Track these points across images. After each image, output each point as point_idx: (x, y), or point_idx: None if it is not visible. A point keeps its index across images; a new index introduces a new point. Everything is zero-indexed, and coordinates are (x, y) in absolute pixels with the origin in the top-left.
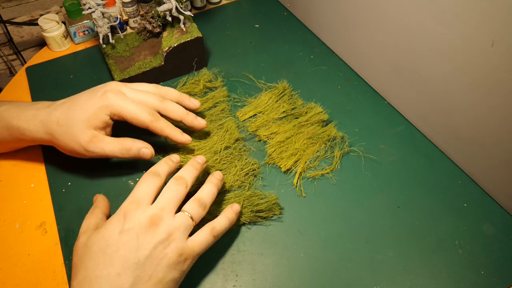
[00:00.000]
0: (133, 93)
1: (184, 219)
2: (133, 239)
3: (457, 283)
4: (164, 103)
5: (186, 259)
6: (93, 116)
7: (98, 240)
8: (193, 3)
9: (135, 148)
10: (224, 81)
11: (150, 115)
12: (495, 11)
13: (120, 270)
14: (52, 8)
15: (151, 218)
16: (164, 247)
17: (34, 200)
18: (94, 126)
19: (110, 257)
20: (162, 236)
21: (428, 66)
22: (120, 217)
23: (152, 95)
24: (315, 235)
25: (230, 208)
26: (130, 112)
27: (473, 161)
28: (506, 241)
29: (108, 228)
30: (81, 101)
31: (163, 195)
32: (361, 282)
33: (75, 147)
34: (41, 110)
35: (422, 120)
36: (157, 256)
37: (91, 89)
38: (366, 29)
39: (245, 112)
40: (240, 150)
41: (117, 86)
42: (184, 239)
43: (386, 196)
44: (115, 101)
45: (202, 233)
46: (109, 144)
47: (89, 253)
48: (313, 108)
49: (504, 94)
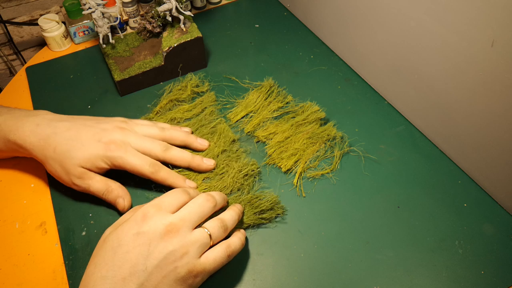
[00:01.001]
0: (138, 142)
1: (202, 235)
2: (145, 244)
3: (457, 283)
4: (168, 153)
5: (196, 276)
6: (91, 160)
7: (113, 238)
8: (193, 3)
9: (114, 194)
10: (211, 85)
11: (151, 167)
12: (495, 11)
13: (126, 275)
14: (52, 8)
15: (168, 226)
16: (175, 260)
17: (34, 200)
18: (89, 167)
19: (119, 259)
20: (175, 247)
21: (428, 66)
22: (139, 218)
23: (156, 144)
24: (315, 235)
25: (238, 231)
26: (131, 165)
27: (473, 161)
28: (506, 241)
29: (125, 228)
30: (84, 137)
31: (188, 206)
32: (361, 282)
33: (63, 177)
34: (41, 127)
35: (422, 120)
36: (166, 268)
37: (97, 123)
38: (366, 29)
39: (236, 113)
40: (237, 152)
41: (123, 134)
42: (197, 255)
43: (386, 196)
44: (117, 154)
45: (217, 251)
46: (96, 183)
47: (102, 249)
48: (309, 106)
49: (504, 94)
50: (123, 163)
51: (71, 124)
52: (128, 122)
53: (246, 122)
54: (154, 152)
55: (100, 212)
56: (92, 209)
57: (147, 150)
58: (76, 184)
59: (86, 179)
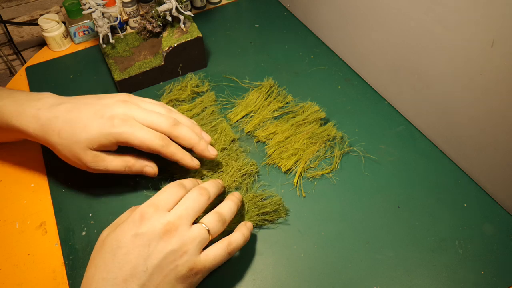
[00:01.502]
0: (143, 115)
1: (200, 231)
2: (144, 245)
3: (457, 283)
4: (176, 128)
5: (196, 274)
6: (96, 139)
7: (112, 240)
8: (193, 3)
9: (138, 165)
10: (211, 85)
11: (161, 140)
12: (495, 11)
13: (127, 276)
14: (52, 8)
15: (167, 226)
16: (175, 259)
17: (34, 200)
18: (96, 147)
19: (119, 261)
20: (174, 246)
21: (428, 66)
22: (136, 219)
23: (164, 118)
24: (315, 235)
25: (244, 225)
26: (139, 139)
27: (473, 161)
28: (506, 241)
29: (123, 229)
30: (85, 116)
31: (183, 203)
32: (361, 282)
33: (77, 163)
34: (42, 111)
35: (422, 120)
36: (166, 267)
37: (98, 99)
38: (366, 29)
39: (236, 113)
40: (237, 151)
41: (127, 108)
42: (197, 252)
43: (386, 196)
44: (122, 129)
45: (217, 248)
46: (112, 162)
47: (102, 251)
48: (309, 106)
49: (504, 94)
50: (129, 138)
51: (72, 105)
52: (132, 97)
53: (246, 122)
54: (161, 127)
55: (100, 212)
56: (92, 209)
57: (153, 124)
58: (92, 168)
59: (100, 161)
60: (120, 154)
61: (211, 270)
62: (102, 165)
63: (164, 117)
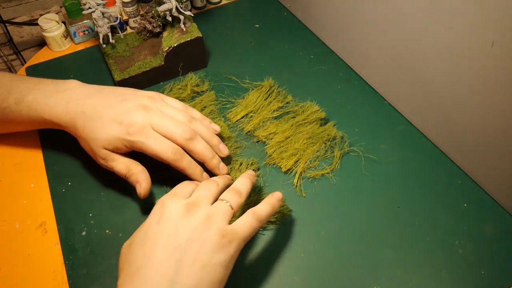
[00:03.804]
0: (161, 124)
1: (222, 205)
2: (171, 225)
3: (457, 283)
4: (191, 143)
5: (230, 241)
6: (112, 142)
7: (138, 236)
8: (193, 3)
9: (134, 178)
10: (211, 85)
11: (173, 154)
12: (495, 11)
13: (162, 257)
14: (52, 8)
15: (187, 205)
16: (204, 229)
17: (34, 200)
18: (111, 149)
19: (150, 247)
20: (201, 218)
21: (428, 66)
22: (157, 210)
23: (180, 129)
24: (315, 235)
25: (271, 195)
26: (152, 150)
27: (473, 161)
28: (506, 241)
29: (147, 222)
30: (106, 118)
31: (198, 190)
32: (361, 282)
33: (92, 155)
34: (71, 106)
35: (422, 120)
36: (198, 239)
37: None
38: (366, 29)
39: (236, 113)
40: (231, 148)
41: (146, 116)
42: (224, 222)
43: (386, 196)
44: (137, 138)
45: (244, 217)
46: (119, 165)
47: (131, 250)
48: (309, 106)
49: (504, 94)
50: (143, 148)
51: (97, 101)
52: (156, 100)
53: (246, 122)
54: (177, 138)
55: (100, 212)
56: (92, 209)
57: (170, 134)
58: (101, 163)
59: (109, 160)
60: (129, 160)
61: (245, 239)
62: (110, 165)
63: (181, 128)
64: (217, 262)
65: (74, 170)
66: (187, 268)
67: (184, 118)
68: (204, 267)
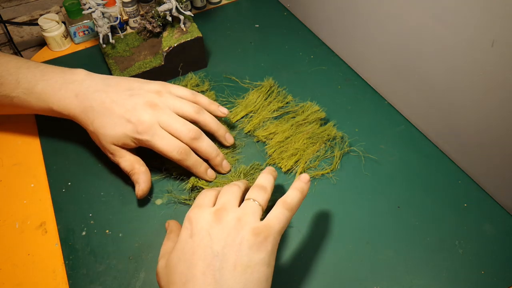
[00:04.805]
0: (168, 121)
1: (250, 204)
2: (205, 236)
3: (457, 283)
4: (196, 142)
5: (266, 237)
6: (120, 139)
7: (175, 255)
8: (193, 3)
9: (134, 178)
10: (211, 85)
11: (179, 154)
12: (495, 11)
13: (203, 268)
14: (52, 8)
15: (216, 212)
16: (238, 232)
17: (34, 200)
18: (120, 145)
19: (190, 262)
20: (232, 223)
21: (428, 66)
22: (187, 225)
23: (186, 129)
24: (315, 235)
25: (298, 180)
26: (159, 148)
27: (473, 161)
28: (506, 241)
29: (180, 240)
30: (115, 114)
31: (221, 196)
32: (361, 282)
33: (101, 148)
34: (79, 99)
35: (422, 120)
36: (233, 243)
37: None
38: (366, 29)
39: (236, 113)
40: (230, 148)
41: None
42: (255, 220)
43: (386, 196)
44: (144, 137)
45: (274, 210)
46: (125, 161)
47: (171, 270)
48: (309, 106)
49: (504, 94)
50: (151, 146)
51: (105, 96)
52: (163, 94)
53: (246, 122)
54: (182, 137)
55: (100, 212)
56: (92, 209)
57: (176, 132)
58: (109, 157)
59: (117, 156)
60: (135, 158)
61: (280, 232)
62: (117, 160)
63: (187, 127)
64: (258, 262)
65: (74, 170)
66: (229, 275)
67: (192, 109)
68: (246, 269)
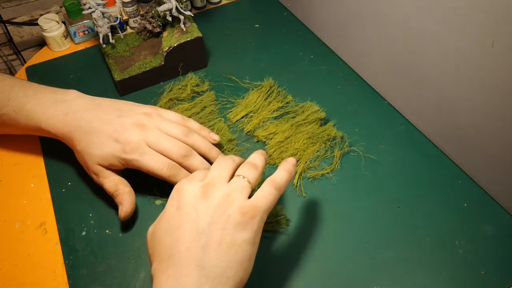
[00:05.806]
0: (157, 141)
1: (239, 180)
2: (191, 211)
3: (457, 283)
4: (187, 160)
5: (252, 217)
6: (107, 159)
7: (160, 225)
8: (193, 3)
9: (118, 199)
10: (211, 85)
11: (169, 170)
12: (495, 11)
13: (188, 243)
14: (52, 8)
15: (204, 186)
16: (225, 210)
17: (34, 200)
18: (106, 165)
19: (175, 235)
20: (219, 199)
21: (428, 66)
22: (174, 195)
23: (176, 147)
24: (315, 235)
25: (285, 162)
26: (148, 167)
27: (473, 161)
28: (506, 241)
29: (166, 210)
30: (103, 134)
31: (212, 170)
32: (361, 282)
33: (85, 169)
34: (68, 118)
35: (422, 120)
36: (219, 220)
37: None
38: (366, 29)
39: (236, 113)
40: (233, 151)
41: (141, 134)
42: (243, 198)
43: (386, 196)
44: (132, 157)
45: (262, 188)
46: (108, 182)
47: (156, 240)
48: (309, 106)
49: (504, 94)
50: (139, 166)
51: (94, 115)
52: (153, 116)
53: (246, 122)
54: (172, 155)
55: (100, 212)
56: (92, 209)
57: (165, 151)
58: (93, 178)
59: (101, 177)
60: (120, 179)
61: (266, 211)
62: (101, 181)
63: (177, 146)
64: (243, 241)
65: (74, 170)
66: (214, 252)
67: (181, 132)
68: (231, 247)
